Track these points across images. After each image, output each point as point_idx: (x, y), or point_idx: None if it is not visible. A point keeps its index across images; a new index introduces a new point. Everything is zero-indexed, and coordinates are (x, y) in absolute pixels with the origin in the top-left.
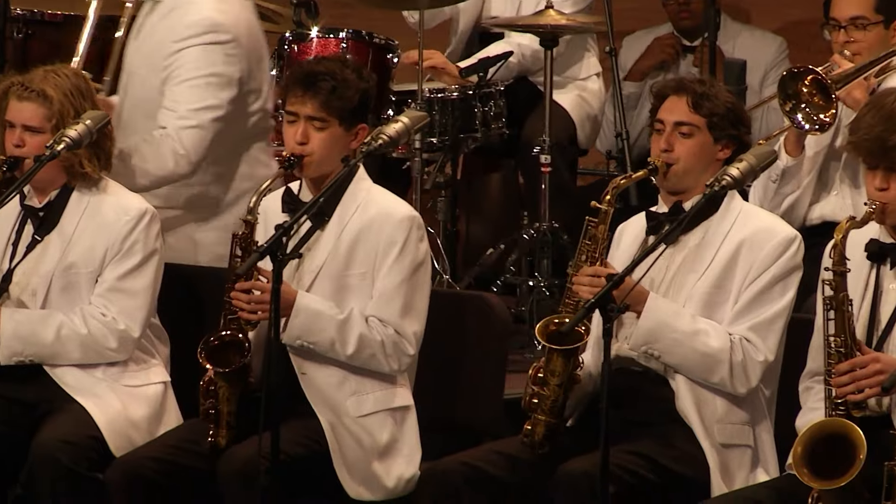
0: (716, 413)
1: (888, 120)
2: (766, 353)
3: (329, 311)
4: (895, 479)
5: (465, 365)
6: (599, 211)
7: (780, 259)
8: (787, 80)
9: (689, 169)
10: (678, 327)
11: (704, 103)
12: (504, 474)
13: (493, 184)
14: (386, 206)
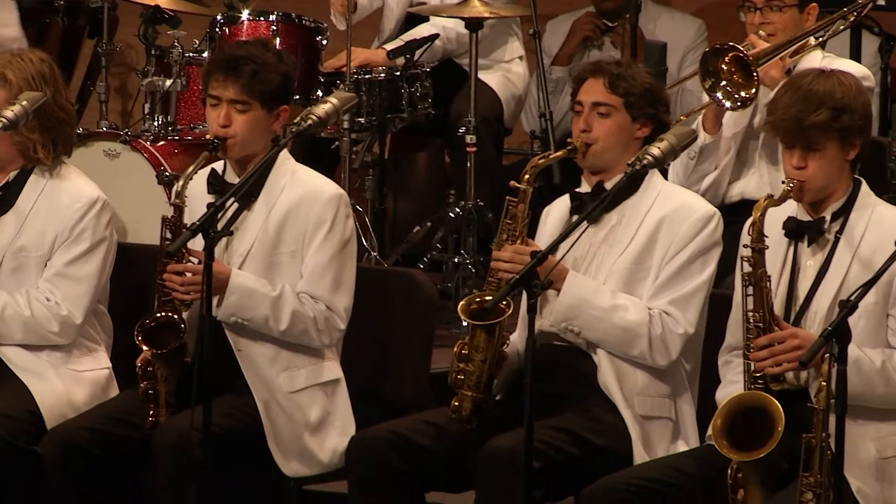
0: (637, 385)
1: (805, 100)
2: (686, 325)
3: (262, 289)
4: (813, 451)
5: (393, 340)
6: (518, 190)
7: (700, 235)
8: (709, 56)
9: (607, 148)
10: (597, 304)
11: (621, 83)
12: (432, 443)
13: (419, 163)
14: (313, 186)
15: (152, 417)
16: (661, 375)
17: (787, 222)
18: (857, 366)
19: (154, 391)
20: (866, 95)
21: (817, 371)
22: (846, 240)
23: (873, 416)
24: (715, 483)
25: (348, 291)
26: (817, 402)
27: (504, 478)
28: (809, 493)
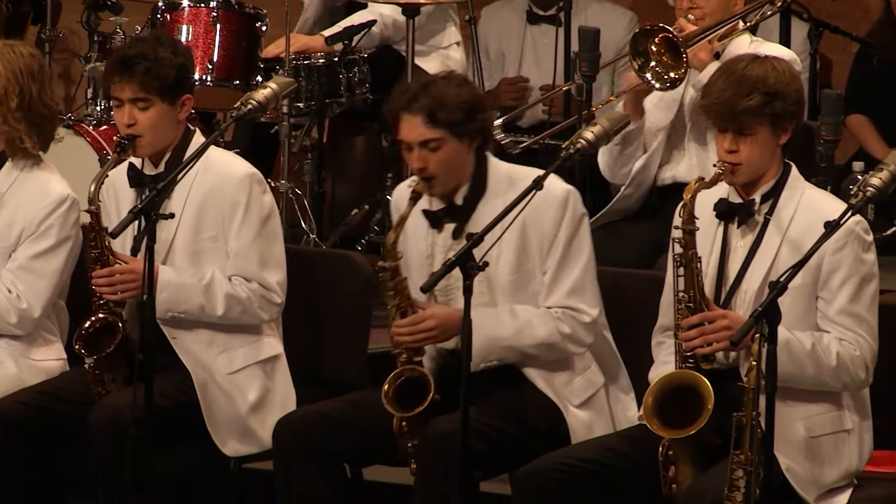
0: (564, 380)
1: (738, 85)
2: (590, 311)
3: (191, 280)
4: (743, 429)
5: (331, 321)
6: (386, 269)
7: (565, 219)
8: (639, 37)
9: (448, 177)
10: (502, 335)
11: (440, 115)
12: (362, 422)
13: (357, 147)
14: (225, 168)
15: None
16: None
17: (717, 204)
18: (788, 348)
19: (107, 392)
20: (799, 81)
21: (747, 351)
22: (776, 222)
23: (803, 397)
24: (647, 461)
25: (279, 266)
26: (748, 382)
27: (443, 459)
28: (740, 470)
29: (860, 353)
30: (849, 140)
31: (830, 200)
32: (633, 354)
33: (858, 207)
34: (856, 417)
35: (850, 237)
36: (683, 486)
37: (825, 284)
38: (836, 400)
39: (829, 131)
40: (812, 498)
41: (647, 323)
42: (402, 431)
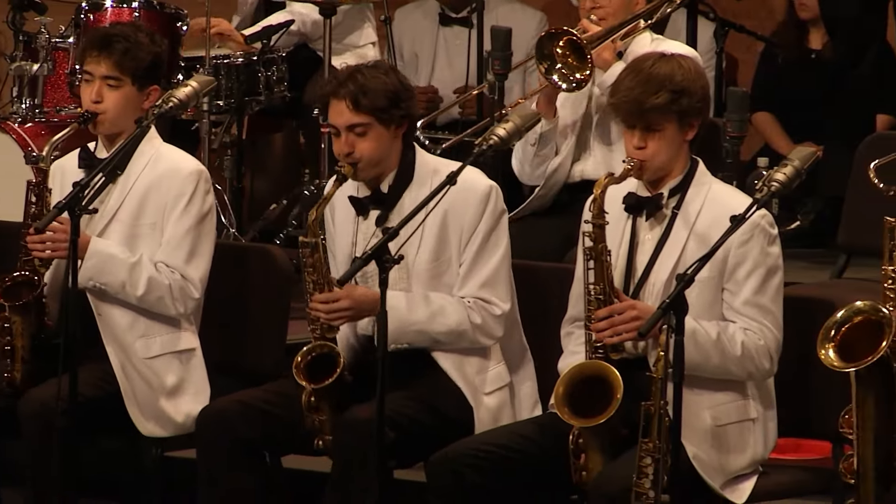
0: (473, 368)
1: (645, 83)
2: (501, 304)
3: (121, 255)
4: (651, 418)
5: (251, 313)
6: (308, 244)
7: (485, 213)
8: (545, 40)
9: (374, 162)
10: (415, 319)
11: (363, 101)
12: (280, 412)
13: (276, 143)
14: (174, 162)
15: (7, 373)
16: (492, 349)
17: (626, 198)
18: (694, 337)
19: (11, 347)
20: (705, 79)
21: (655, 341)
22: (683, 216)
23: (709, 386)
24: (558, 448)
25: (204, 263)
26: (655, 372)
27: (359, 447)
28: (648, 458)
29: (765, 343)
30: (754, 136)
31: (736, 195)
32: (544, 345)
33: (763, 202)
34: (761, 406)
35: (755, 231)
36: (593, 474)
37: (731, 276)
38: (742, 389)
39: (735, 128)
40: (718, 485)
41: (557, 314)
42: (309, 405)
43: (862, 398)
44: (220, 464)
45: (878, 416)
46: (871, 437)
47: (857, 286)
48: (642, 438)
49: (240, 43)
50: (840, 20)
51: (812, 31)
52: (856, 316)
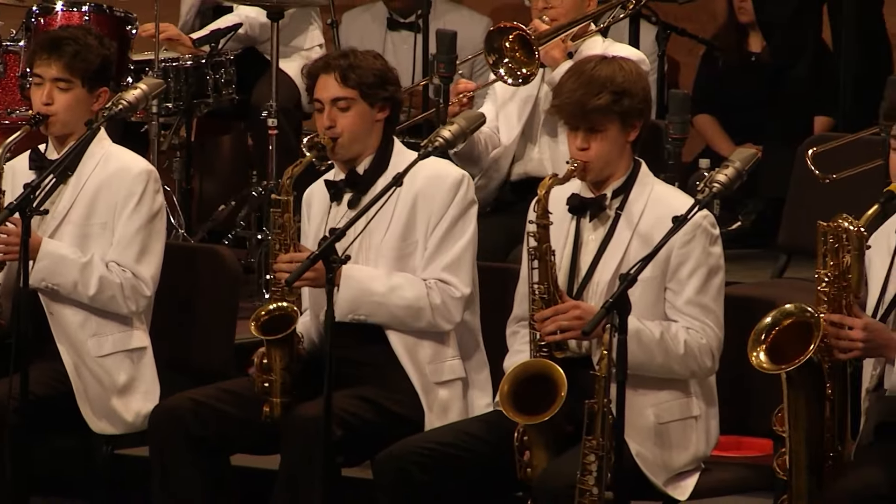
0: (427, 355)
1: (588, 85)
2: (462, 287)
3: (72, 255)
4: (595, 416)
5: (200, 312)
6: (280, 202)
7: (454, 201)
8: (494, 35)
9: (354, 139)
10: (375, 290)
11: (351, 76)
12: (231, 410)
13: (224, 145)
14: (124, 162)
15: None
16: (449, 341)
17: (570, 199)
18: (638, 336)
19: None
20: (646, 80)
21: (599, 340)
22: (626, 216)
23: (652, 384)
24: (503, 446)
25: (155, 261)
26: (599, 370)
27: (307, 445)
28: (592, 455)
29: (707, 342)
30: (695, 138)
31: (678, 196)
32: (489, 343)
33: (705, 202)
34: (703, 404)
35: (697, 231)
36: (538, 471)
37: (674, 276)
38: (684, 387)
39: (677, 130)
40: (661, 482)
41: (502, 313)
42: (262, 365)
43: (793, 398)
44: (173, 461)
45: (809, 414)
46: (802, 436)
47: (798, 285)
48: (586, 436)
49: (188, 46)
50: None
51: (752, 35)
52: (785, 319)
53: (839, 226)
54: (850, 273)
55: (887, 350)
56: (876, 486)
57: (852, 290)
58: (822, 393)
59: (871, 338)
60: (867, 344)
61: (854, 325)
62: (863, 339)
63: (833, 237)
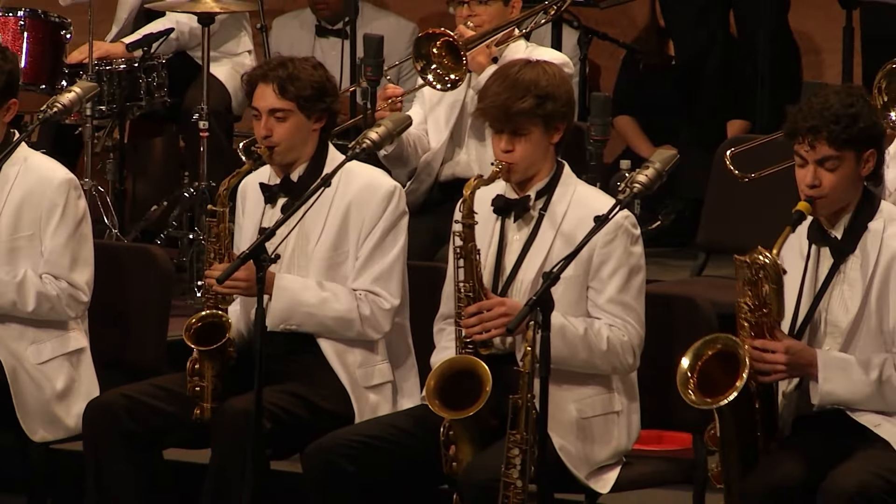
0: (356, 360)
1: (512, 88)
2: (392, 299)
3: (5, 277)
4: (519, 411)
5: (133, 310)
6: (217, 212)
7: (387, 212)
8: (422, 41)
9: (290, 147)
10: (307, 300)
11: (290, 88)
12: (163, 406)
13: (156, 147)
14: (45, 172)
15: None
16: (378, 347)
17: (495, 199)
18: (562, 332)
19: None
20: (569, 84)
21: (523, 337)
22: (549, 217)
23: (575, 380)
24: (430, 439)
25: (87, 267)
26: (523, 366)
27: (237, 438)
28: (516, 449)
29: (628, 339)
30: (616, 140)
31: (600, 196)
32: (417, 341)
33: (626, 203)
34: (624, 399)
35: (618, 230)
36: (463, 464)
37: (596, 275)
38: (606, 383)
39: (598, 132)
40: (583, 475)
41: (429, 311)
42: (193, 370)
43: (725, 425)
44: (106, 456)
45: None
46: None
47: (716, 283)
48: (510, 430)
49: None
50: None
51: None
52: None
53: (755, 260)
54: (770, 301)
55: (810, 368)
56: (793, 479)
57: (773, 316)
58: (752, 411)
59: (794, 360)
60: (790, 366)
61: (776, 348)
62: (785, 361)
63: (750, 271)
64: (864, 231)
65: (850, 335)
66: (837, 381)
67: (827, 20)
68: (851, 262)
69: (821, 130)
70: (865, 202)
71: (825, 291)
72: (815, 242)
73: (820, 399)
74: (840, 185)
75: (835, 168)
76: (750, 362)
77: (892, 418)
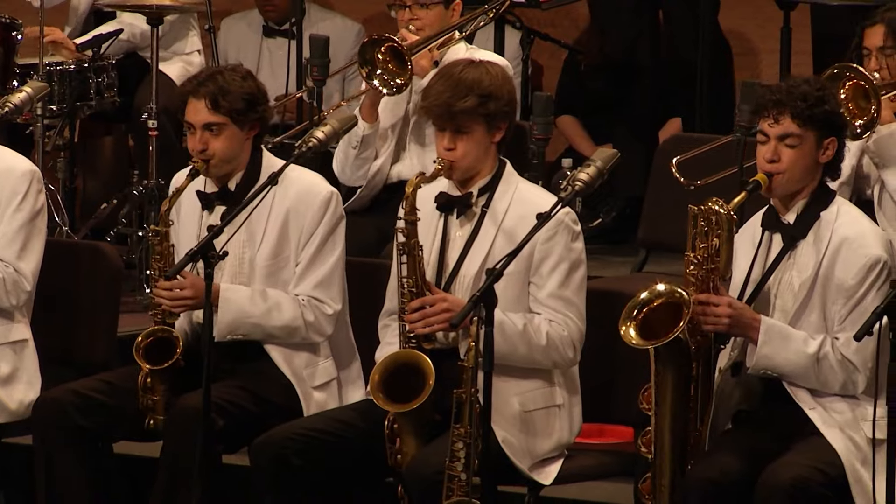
0: (302, 362)
1: (455, 87)
2: (333, 304)
3: None
4: (462, 405)
5: (83, 306)
6: (159, 233)
7: (325, 218)
8: (367, 47)
9: (226, 159)
10: (252, 312)
11: (222, 102)
12: (110, 400)
13: (106, 146)
14: (8, 162)
15: None
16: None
17: (438, 197)
18: (502, 328)
19: None
20: (511, 83)
21: (466, 332)
22: (491, 214)
23: (517, 374)
24: (375, 433)
25: (35, 258)
26: (466, 361)
27: (187, 433)
28: (460, 442)
29: (568, 334)
30: (558, 138)
31: (542, 194)
32: (362, 337)
33: (567, 200)
34: (566, 393)
35: (560, 227)
36: (408, 457)
37: (537, 271)
38: (548, 377)
39: (541, 130)
40: (526, 467)
41: (374, 308)
42: (145, 385)
43: (660, 375)
44: (56, 451)
45: (676, 392)
46: (668, 413)
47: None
48: (454, 424)
49: (71, 50)
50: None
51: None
52: (656, 298)
53: (710, 209)
54: (719, 255)
55: (750, 330)
56: (733, 474)
57: (720, 271)
58: (689, 372)
59: (737, 315)
60: (732, 320)
61: (720, 302)
62: (728, 314)
63: (703, 220)
64: (817, 219)
65: (796, 318)
66: (776, 347)
67: (765, 20)
68: (802, 248)
69: (786, 105)
70: (821, 191)
71: (772, 273)
72: (767, 229)
73: (755, 363)
74: (798, 164)
75: (795, 146)
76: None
77: (827, 405)
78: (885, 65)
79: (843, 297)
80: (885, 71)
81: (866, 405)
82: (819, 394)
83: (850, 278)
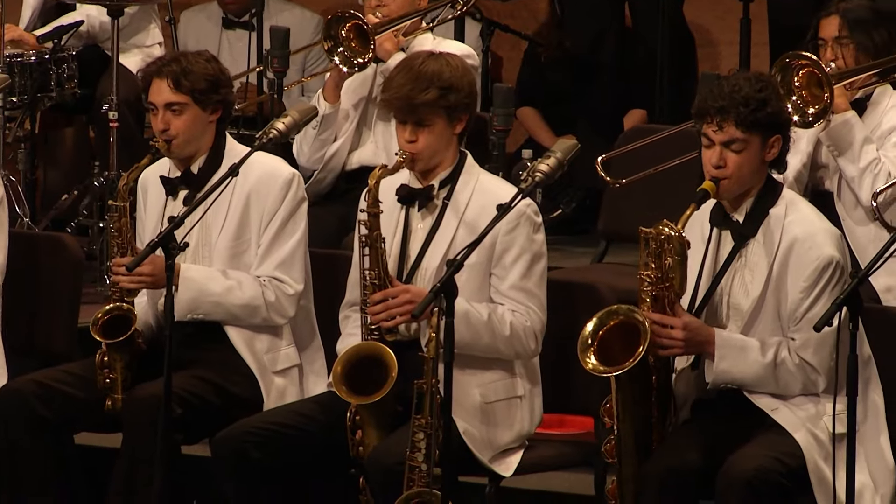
0: (263, 346)
1: (416, 80)
2: (295, 285)
3: None
4: (424, 396)
5: (45, 298)
6: (116, 207)
7: (286, 200)
8: (332, 22)
9: (188, 140)
10: (212, 290)
11: (184, 81)
12: (73, 391)
13: (67, 137)
14: None
15: None
16: (284, 333)
17: (399, 189)
18: (466, 318)
19: None
20: (472, 75)
21: (427, 323)
22: (453, 205)
23: (478, 365)
24: (337, 425)
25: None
26: (428, 352)
27: (147, 422)
28: (421, 433)
29: (531, 325)
30: (519, 130)
31: (503, 185)
32: (323, 328)
33: (528, 191)
34: (527, 384)
35: (521, 219)
36: (370, 449)
37: (499, 262)
38: (509, 368)
39: (501, 122)
40: (487, 458)
41: (335, 299)
42: (103, 363)
43: (621, 395)
44: (18, 441)
45: (637, 407)
46: (630, 426)
47: (616, 270)
48: (415, 415)
49: (32, 44)
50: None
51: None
52: (611, 319)
53: (661, 232)
54: (673, 274)
55: (706, 346)
56: (692, 463)
57: (675, 290)
58: (649, 385)
59: (691, 336)
60: (687, 342)
61: (675, 324)
62: (682, 337)
63: (655, 243)
64: (766, 216)
65: (752, 319)
66: (733, 360)
67: (724, 12)
68: (753, 246)
69: (729, 112)
70: (768, 188)
71: (724, 274)
72: (716, 226)
73: (714, 378)
74: (744, 168)
75: (740, 150)
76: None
77: (789, 403)
78: (840, 55)
79: (798, 299)
80: (840, 61)
81: (826, 402)
82: (780, 395)
83: (803, 280)
